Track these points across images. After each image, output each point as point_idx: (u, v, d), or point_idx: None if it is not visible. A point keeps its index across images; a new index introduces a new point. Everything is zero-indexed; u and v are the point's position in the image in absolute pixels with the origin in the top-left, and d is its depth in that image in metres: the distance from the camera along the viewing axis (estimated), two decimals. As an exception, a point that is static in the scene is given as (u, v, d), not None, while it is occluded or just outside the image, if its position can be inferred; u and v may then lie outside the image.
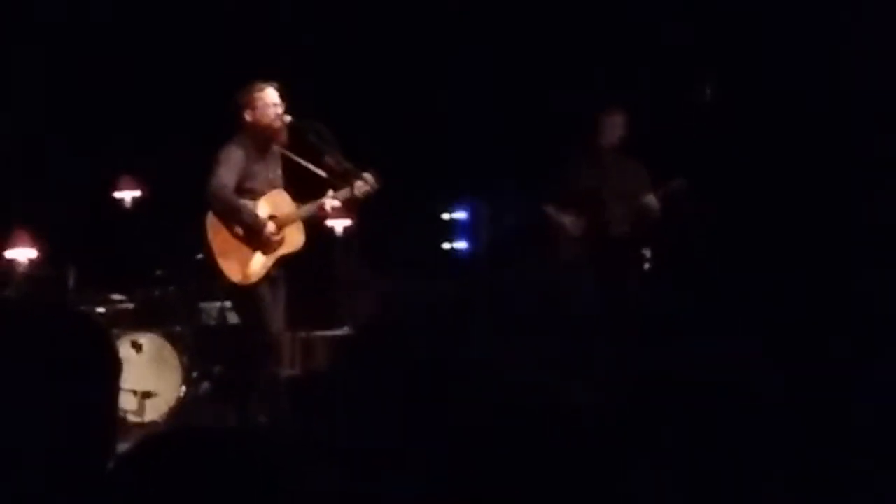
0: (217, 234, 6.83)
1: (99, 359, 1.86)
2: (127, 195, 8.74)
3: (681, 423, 1.84)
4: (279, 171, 6.99)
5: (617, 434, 1.81)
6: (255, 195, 6.87)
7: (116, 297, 8.14)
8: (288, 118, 6.84)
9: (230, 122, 6.88)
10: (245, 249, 6.84)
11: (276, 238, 6.89)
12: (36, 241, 7.89)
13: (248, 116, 6.82)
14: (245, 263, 6.84)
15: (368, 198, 7.05)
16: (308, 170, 6.94)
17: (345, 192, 6.98)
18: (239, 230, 6.83)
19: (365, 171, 6.97)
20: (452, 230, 10.65)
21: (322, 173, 6.94)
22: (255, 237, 6.83)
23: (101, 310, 7.90)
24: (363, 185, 6.95)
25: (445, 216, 10.62)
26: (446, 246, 10.61)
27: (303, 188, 7.05)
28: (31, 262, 7.86)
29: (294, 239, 6.98)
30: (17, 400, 1.79)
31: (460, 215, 10.61)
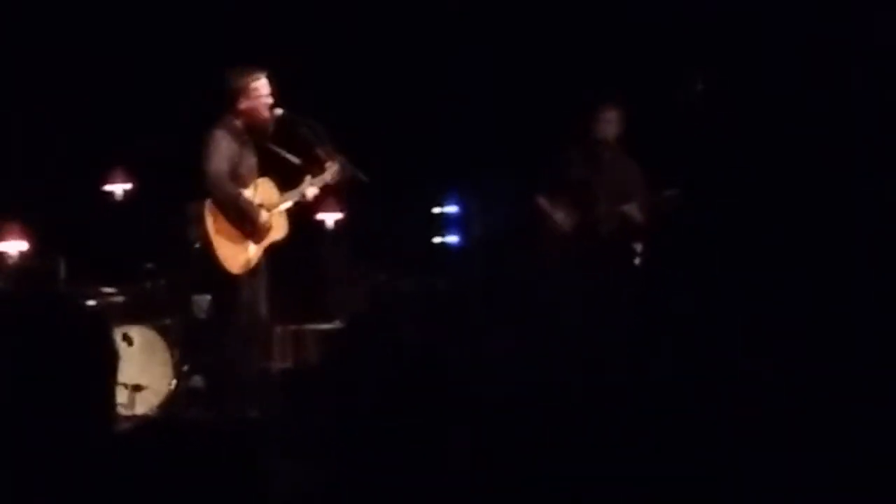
0: (215, 222, 6.79)
1: (97, 349, 1.86)
2: (118, 188, 8.73)
3: (669, 418, 1.84)
4: (255, 158, 6.97)
5: (606, 426, 1.82)
6: (244, 182, 6.85)
7: (107, 289, 8.11)
8: (279, 111, 6.83)
9: (220, 113, 6.85)
10: (238, 238, 6.82)
11: (268, 226, 6.89)
12: (26, 234, 7.88)
13: (242, 104, 6.79)
14: (239, 252, 6.82)
15: (343, 182, 7.04)
16: (278, 158, 6.93)
17: (322, 178, 6.99)
18: (233, 218, 6.80)
19: (337, 156, 6.95)
20: (444, 224, 10.64)
21: (296, 161, 6.93)
22: (247, 226, 6.81)
23: (91, 302, 7.88)
24: (332, 165, 6.94)
25: (437, 210, 10.61)
26: (437, 240, 10.60)
27: (273, 176, 7.04)
28: (22, 254, 7.85)
29: (280, 226, 6.99)
30: (15, 388, 1.79)
31: (451, 209, 10.60)
